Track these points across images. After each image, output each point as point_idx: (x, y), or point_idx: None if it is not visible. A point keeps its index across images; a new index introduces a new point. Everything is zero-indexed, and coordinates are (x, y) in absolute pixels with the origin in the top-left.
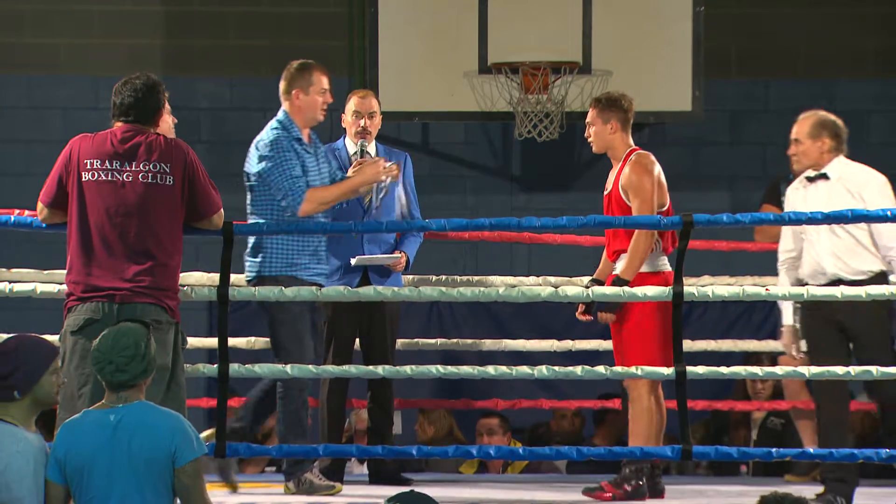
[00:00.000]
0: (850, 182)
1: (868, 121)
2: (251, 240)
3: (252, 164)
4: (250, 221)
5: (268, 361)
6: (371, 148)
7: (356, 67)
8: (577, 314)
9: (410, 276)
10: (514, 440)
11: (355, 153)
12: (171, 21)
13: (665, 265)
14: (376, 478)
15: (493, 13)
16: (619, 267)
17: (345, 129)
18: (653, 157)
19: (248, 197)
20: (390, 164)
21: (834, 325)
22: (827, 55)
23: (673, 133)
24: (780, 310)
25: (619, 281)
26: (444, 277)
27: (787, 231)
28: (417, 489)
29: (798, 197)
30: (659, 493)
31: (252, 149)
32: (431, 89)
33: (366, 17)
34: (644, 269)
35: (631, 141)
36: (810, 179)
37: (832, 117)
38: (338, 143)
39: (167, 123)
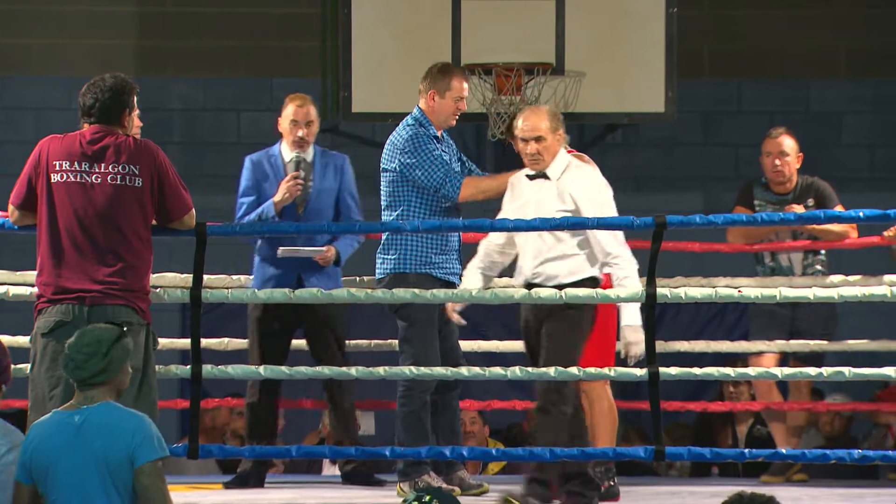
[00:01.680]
0: (567, 183)
1: (840, 122)
2: (384, 237)
3: (390, 161)
4: (384, 218)
5: (241, 362)
6: (308, 154)
7: (329, 68)
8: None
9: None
10: (491, 440)
11: (290, 161)
12: (143, 21)
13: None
14: (348, 479)
15: (466, 14)
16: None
17: (281, 133)
18: (587, 158)
19: (383, 194)
20: None
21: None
22: (799, 57)
23: (646, 134)
24: (750, 312)
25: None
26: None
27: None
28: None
29: (521, 194)
30: (614, 496)
31: (388, 146)
32: (405, 90)
33: (339, 17)
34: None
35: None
36: (531, 177)
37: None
38: (273, 148)
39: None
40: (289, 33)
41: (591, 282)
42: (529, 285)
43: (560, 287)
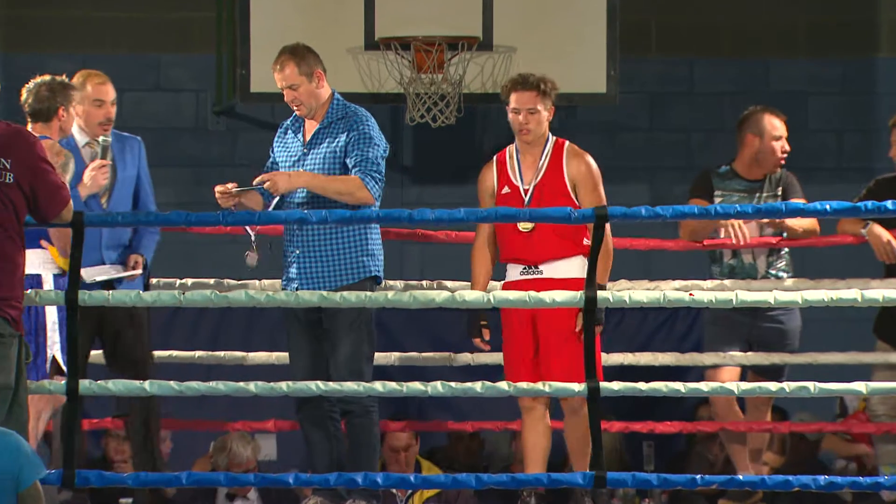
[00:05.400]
0: None
1: (805, 104)
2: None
3: None
4: None
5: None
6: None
7: (224, 43)
8: (475, 341)
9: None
10: (428, 463)
11: (98, 146)
12: None
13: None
14: None
15: None
16: (580, 271)
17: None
18: None
19: None
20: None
21: None
22: (756, 32)
23: (586, 117)
24: (703, 319)
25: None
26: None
27: None
28: None
29: None
30: None
31: None
32: None
33: None
34: (568, 272)
35: None
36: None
37: None
38: None
39: (72, 119)
40: (179, 3)
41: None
42: None
43: None
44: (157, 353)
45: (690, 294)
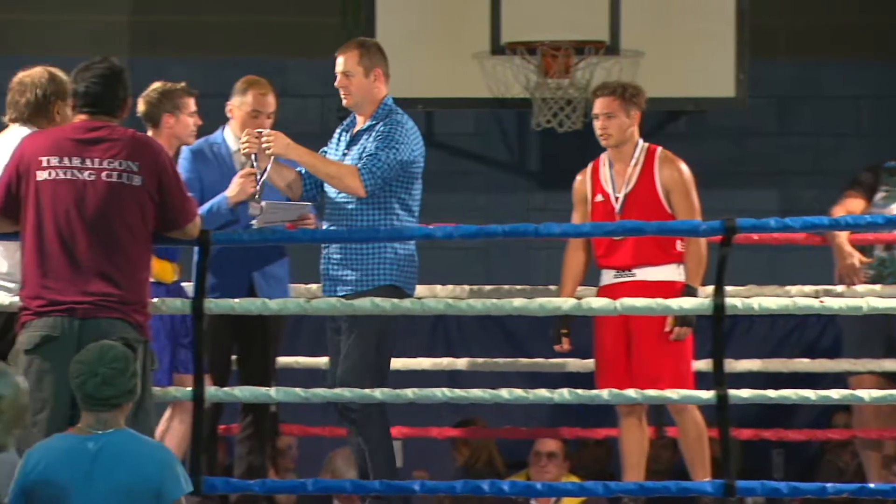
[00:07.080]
0: None
1: None
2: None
3: None
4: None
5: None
6: None
7: None
8: (556, 349)
9: None
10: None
11: (238, 150)
12: None
13: (682, 275)
14: None
15: None
16: (673, 276)
17: (229, 117)
18: None
19: None
20: None
21: None
22: (889, 33)
23: (714, 122)
24: (839, 325)
25: (691, 291)
26: (450, 287)
27: None
28: None
29: None
30: None
31: None
32: (437, 73)
33: None
34: (661, 276)
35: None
36: None
37: None
38: (216, 135)
39: (184, 125)
40: (305, 8)
41: None
42: None
43: None
44: (282, 360)
45: (821, 301)
